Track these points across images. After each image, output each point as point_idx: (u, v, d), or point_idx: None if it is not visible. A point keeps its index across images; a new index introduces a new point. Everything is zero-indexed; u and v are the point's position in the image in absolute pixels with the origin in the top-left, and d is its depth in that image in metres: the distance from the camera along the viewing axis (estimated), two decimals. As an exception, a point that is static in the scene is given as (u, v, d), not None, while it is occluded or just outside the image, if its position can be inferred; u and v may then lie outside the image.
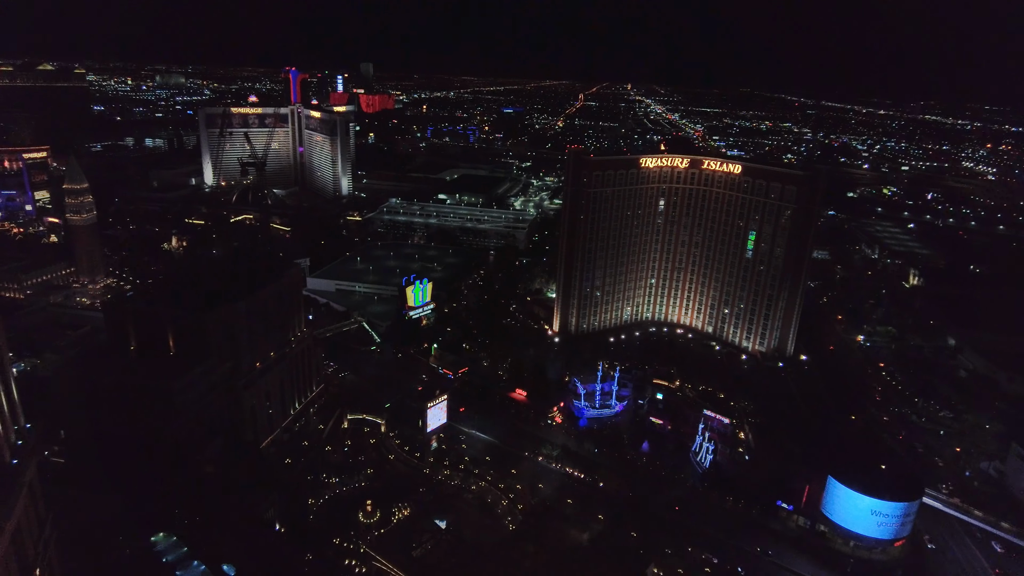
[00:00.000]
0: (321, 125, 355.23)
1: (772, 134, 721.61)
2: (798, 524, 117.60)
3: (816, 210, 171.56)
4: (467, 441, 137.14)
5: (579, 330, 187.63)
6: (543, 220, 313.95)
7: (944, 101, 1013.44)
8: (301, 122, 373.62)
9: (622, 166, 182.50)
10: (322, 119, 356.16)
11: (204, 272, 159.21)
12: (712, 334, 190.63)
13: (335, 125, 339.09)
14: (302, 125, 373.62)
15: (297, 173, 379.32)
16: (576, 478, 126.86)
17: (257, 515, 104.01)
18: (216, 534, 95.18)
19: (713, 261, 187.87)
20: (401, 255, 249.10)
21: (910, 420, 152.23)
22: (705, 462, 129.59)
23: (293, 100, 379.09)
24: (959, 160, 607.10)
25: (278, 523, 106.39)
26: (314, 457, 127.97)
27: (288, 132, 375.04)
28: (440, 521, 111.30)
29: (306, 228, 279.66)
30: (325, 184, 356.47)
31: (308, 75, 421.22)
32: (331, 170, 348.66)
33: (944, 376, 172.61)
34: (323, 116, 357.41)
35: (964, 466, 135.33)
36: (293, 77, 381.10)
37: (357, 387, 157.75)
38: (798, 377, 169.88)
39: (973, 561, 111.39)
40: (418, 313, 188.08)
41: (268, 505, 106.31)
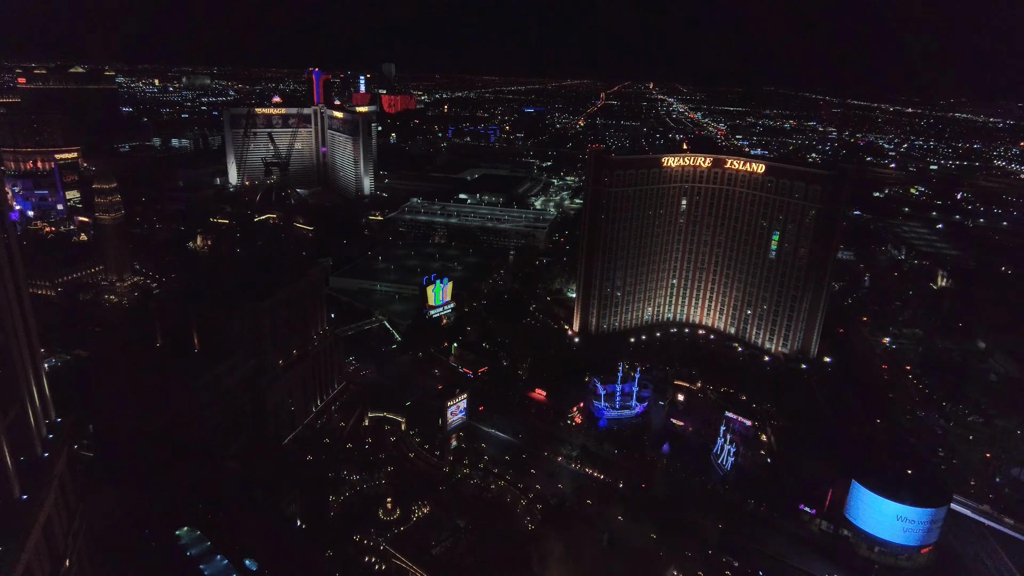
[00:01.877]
0: (344, 125, 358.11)
1: (796, 133, 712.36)
2: (821, 528, 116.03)
3: (841, 210, 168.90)
4: (486, 440, 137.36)
5: (599, 330, 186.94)
6: (563, 220, 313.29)
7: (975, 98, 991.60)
8: (324, 122, 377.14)
9: (644, 165, 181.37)
10: (345, 119, 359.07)
11: (228, 271, 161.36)
12: (734, 335, 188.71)
13: (357, 125, 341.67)
14: (325, 125, 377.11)
15: (320, 173, 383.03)
16: (596, 479, 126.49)
17: (279, 511, 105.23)
18: (239, 529, 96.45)
19: (736, 261, 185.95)
20: (422, 254, 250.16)
21: (938, 424, 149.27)
22: (727, 464, 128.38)
23: (316, 100, 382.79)
24: (991, 159, 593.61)
25: (299, 519, 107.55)
26: (335, 454, 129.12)
27: (311, 132, 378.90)
28: (459, 520, 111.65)
29: (328, 227, 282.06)
30: (347, 184, 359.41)
31: (331, 76, 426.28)
32: (353, 170, 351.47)
33: (974, 380, 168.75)
34: (346, 116, 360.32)
35: (994, 472, 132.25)
36: (316, 78, 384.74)
37: (378, 385, 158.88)
38: (822, 379, 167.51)
39: (1003, 570, 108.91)
40: (438, 312, 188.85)
41: (290, 501, 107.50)
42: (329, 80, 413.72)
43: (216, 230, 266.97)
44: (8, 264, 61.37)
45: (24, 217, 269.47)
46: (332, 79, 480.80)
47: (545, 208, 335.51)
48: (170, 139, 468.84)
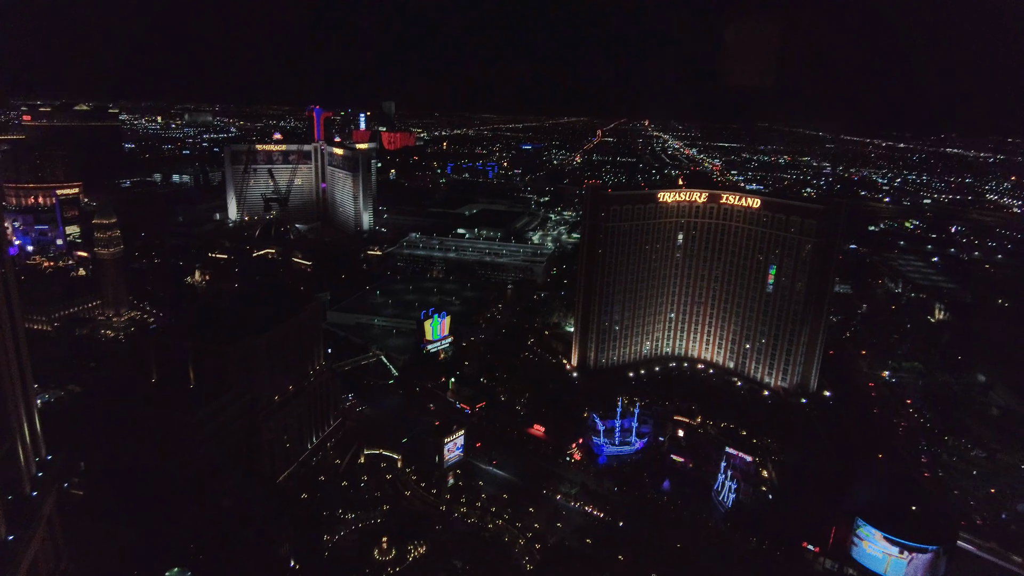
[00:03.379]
0: (344, 162, 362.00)
1: (791, 168, 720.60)
2: (825, 567, 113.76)
3: (837, 243, 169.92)
4: (484, 477, 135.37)
5: (598, 364, 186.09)
6: (561, 254, 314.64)
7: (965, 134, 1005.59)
8: (324, 159, 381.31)
9: (640, 200, 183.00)
10: (345, 156, 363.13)
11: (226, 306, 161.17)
12: (733, 369, 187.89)
13: (357, 162, 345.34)
14: (325, 162, 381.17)
15: (319, 208, 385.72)
16: (596, 517, 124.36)
17: (272, 550, 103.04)
18: (231, 569, 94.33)
19: (733, 295, 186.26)
20: (420, 289, 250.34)
21: (941, 459, 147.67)
22: (728, 501, 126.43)
23: (316, 137, 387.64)
24: (983, 193, 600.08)
25: (293, 559, 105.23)
26: (330, 492, 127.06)
27: (311, 168, 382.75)
28: (456, 560, 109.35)
29: (327, 262, 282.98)
30: (347, 219, 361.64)
31: (331, 113, 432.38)
32: (353, 205, 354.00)
33: (975, 414, 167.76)
34: (346, 153, 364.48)
35: (999, 508, 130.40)
36: (317, 115, 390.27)
37: (374, 421, 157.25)
38: (822, 414, 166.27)
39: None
40: (436, 347, 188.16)
41: (283, 540, 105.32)
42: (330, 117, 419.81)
43: (215, 265, 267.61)
44: (4, 300, 61.31)
45: (23, 252, 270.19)
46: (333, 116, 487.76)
47: (543, 242, 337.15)
48: (171, 175, 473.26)
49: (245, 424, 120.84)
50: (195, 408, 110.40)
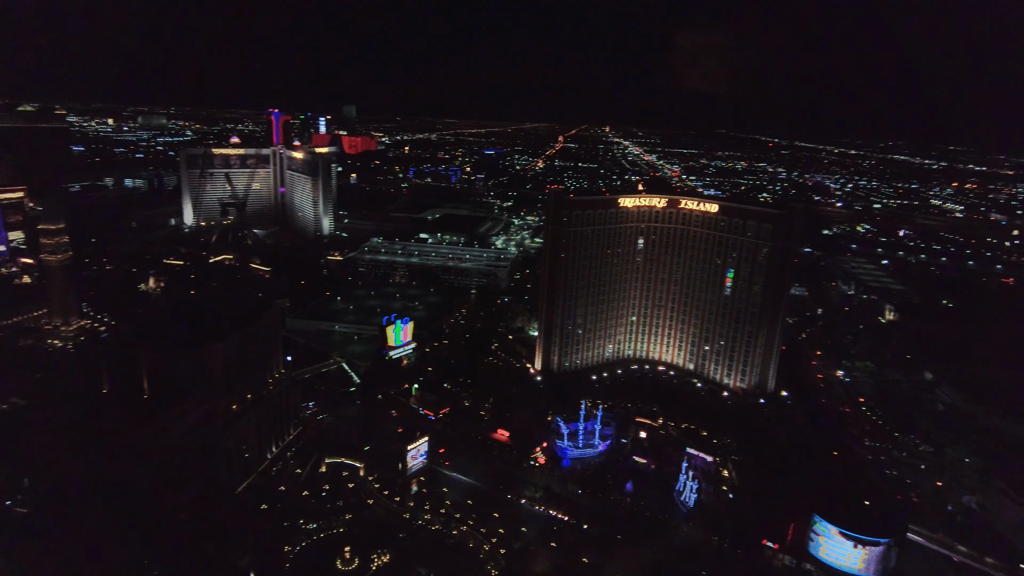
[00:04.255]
0: (303, 166, 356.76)
1: (748, 174, 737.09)
2: (784, 563, 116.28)
3: (792, 247, 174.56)
4: (448, 484, 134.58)
5: (561, 368, 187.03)
6: (524, 259, 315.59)
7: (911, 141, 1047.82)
8: (283, 163, 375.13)
9: (601, 206, 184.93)
10: (304, 160, 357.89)
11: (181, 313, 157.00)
12: (693, 371, 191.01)
13: (317, 165, 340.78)
14: (284, 166, 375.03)
15: (278, 213, 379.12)
16: (560, 520, 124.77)
17: (231, 563, 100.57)
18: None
19: (692, 299, 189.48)
20: (382, 294, 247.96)
21: (892, 455, 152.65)
22: (689, 501, 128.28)
23: (275, 141, 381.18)
24: (928, 198, 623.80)
25: (253, 571, 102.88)
26: (291, 502, 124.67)
27: (270, 173, 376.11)
28: (420, 568, 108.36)
29: (286, 268, 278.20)
30: (306, 224, 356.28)
31: (291, 117, 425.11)
32: (312, 210, 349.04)
33: (923, 410, 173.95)
34: (305, 157, 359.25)
35: (946, 501, 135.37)
36: (276, 119, 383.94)
37: (336, 430, 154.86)
38: (780, 413, 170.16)
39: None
40: (399, 353, 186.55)
41: (243, 552, 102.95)
42: (289, 121, 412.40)
43: (170, 271, 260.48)
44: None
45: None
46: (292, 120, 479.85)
47: (506, 247, 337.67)
48: (124, 179, 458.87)
49: (202, 434, 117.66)
50: (149, 419, 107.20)
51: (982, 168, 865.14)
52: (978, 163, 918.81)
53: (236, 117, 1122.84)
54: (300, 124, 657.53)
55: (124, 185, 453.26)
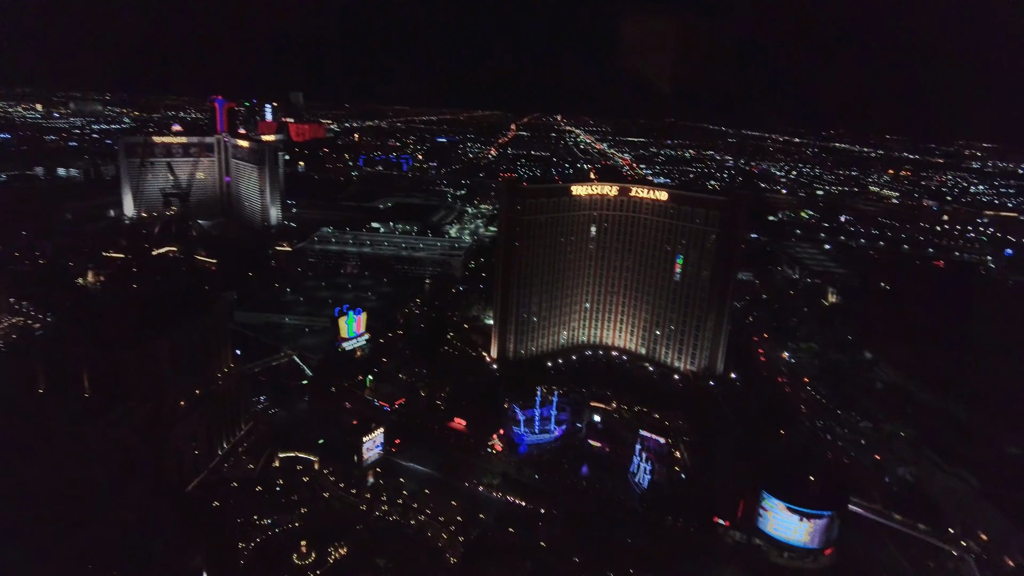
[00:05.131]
0: (249, 154, 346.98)
1: (696, 162, 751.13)
2: (735, 539, 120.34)
3: (739, 234, 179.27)
4: (405, 474, 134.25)
5: (517, 356, 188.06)
6: (479, 247, 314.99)
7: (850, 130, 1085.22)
8: (228, 152, 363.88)
9: (554, 194, 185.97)
10: (250, 148, 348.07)
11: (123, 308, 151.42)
12: (645, 355, 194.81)
13: (263, 154, 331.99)
14: (229, 155, 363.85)
15: (224, 204, 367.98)
16: (517, 506, 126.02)
17: (183, 563, 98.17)
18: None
19: (644, 285, 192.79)
20: (333, 285, 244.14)
21: (834, 431, 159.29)
22: (643, 483, 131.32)
23: (219, 129, 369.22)
24: (867, 185, 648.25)
25: (205, 571, 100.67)
26: (244, 498, 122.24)
27: (214, 162, 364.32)
28: (379, 559, 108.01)
29: (233, 260, 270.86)
30: (253, 214, 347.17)
31: (235, 104, 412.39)
32: (259, 200, 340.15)
33: (863, 388, 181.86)
34: (251, 145, 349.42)
35: (883, 473, 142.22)
36: (219, 106, 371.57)
37: (288, 424, 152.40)
38: (729, 395, 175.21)
39: (893, 562, 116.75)
40: (352, 344, 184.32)
41: (194, 552, 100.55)
42: (233, 108, 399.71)
43: (110, 265, 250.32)
44: None
45: None
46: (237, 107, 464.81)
47: (460, 236, 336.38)
48: (56, 168, 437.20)
49: (148, 433, 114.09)
50: (90, 419, 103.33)
51: (915, 156, 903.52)
52: (912, 151, 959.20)
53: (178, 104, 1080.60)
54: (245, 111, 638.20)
55: (57, 175, 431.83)
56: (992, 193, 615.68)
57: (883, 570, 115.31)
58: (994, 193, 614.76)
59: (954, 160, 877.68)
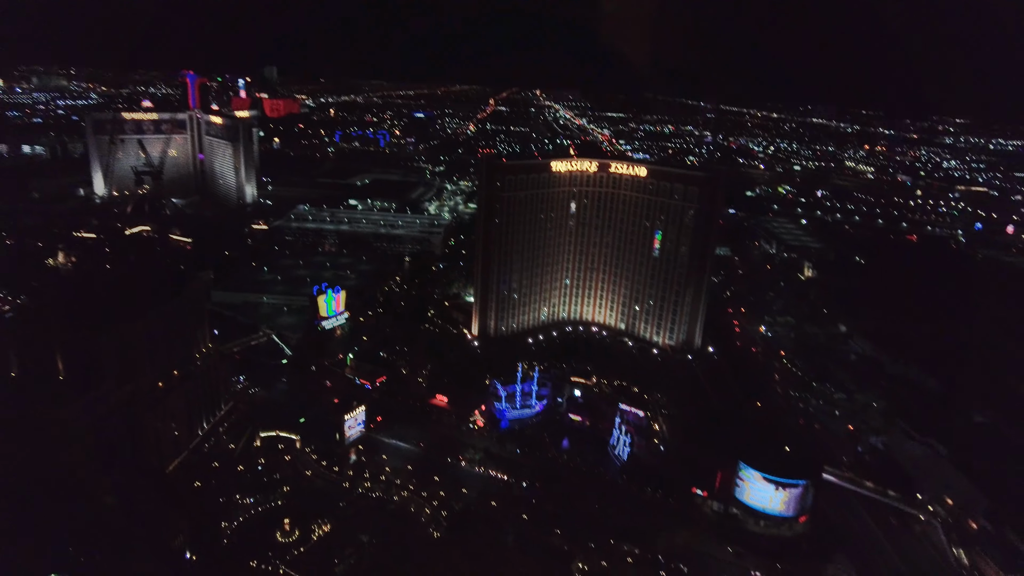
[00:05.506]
0: (223, 131, 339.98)
1: (675, 137, 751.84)
2: (713, 509, 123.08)
3: (717, 209, 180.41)
4: (387, 451, 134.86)
5: (498, 332, 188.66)
6: (459, 224, 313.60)
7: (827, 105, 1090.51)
8: (201, 128, 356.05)
9: (534, 170, 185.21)
10: (224, 125, 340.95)
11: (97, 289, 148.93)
12: (625, 330, 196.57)
13: (238, 131, 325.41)
14: (202, 131, 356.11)
15: (198, 181, 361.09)
16: (500, 480, 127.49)
17: (165, 544, 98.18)
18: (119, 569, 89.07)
19: (623, 261, 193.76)
20: (311, 264, 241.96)
21: (809, 403, 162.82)
22: (623, 455, 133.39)
23: (191, 105, 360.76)
24: (843, 160, 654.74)
25: (188, 551, 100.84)
26: (226, 478, 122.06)
27: (187, 139, 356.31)
28: (362, 535, 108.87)
29: (209, 239, 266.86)
30: (228, 192, 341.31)
31: (207, 79, 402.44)
32: (234, 178, 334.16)
33: (837, 360, 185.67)
34: (225, 122, 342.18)
35: (856, 442, 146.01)
36: (191, 81, 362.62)
37: (269, 403, 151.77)
38: (707, 368, 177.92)
39: (865, 529, 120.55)
40: (331, 323, 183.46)
41: (176, 532, 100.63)
42: (205, 84, 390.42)
43: (81, 245, 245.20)
44: None
45: None
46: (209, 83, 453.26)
47: (439, 213, 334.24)
48: (20, 145, 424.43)
49: (126, 415, 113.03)
50: (65, 403, 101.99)
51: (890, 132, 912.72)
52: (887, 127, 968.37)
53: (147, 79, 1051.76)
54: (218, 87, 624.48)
55: (21, 152, 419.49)
56: (964, 168, 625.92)
57: (855, 536, 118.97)
58: (965, 168, 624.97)
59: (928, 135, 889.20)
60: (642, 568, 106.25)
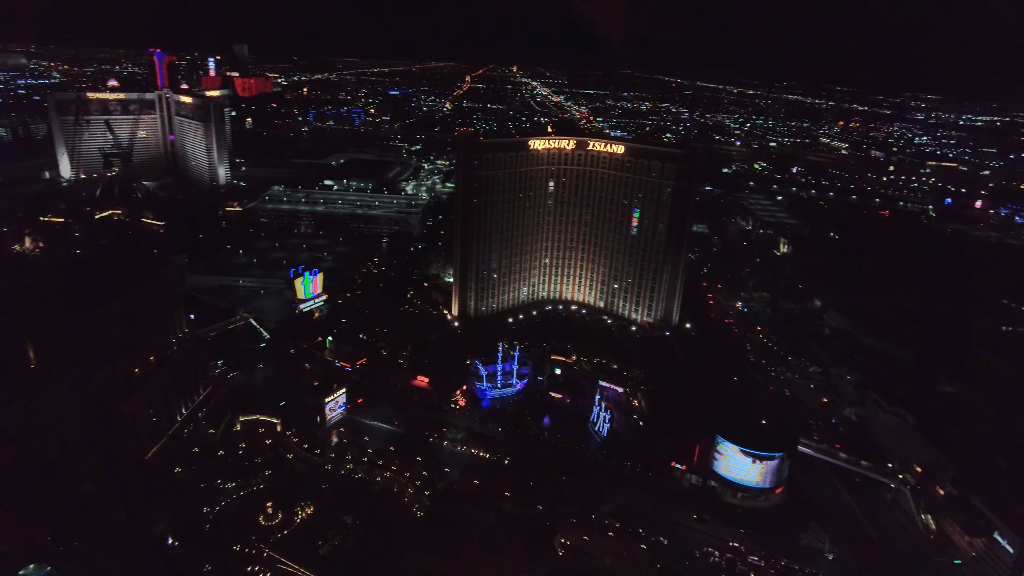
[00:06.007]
0: (193, 111, 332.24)
1: (652, 114, 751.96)
2: (691, 482, 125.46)
3: (694, 186, 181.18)
4: (369, 433, 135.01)
5: (478, 312, 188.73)
6: (437, 204, 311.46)
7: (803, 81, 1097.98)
8: (171, 108, 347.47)
9: (512, 148, 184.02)
10: (194, 104, 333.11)
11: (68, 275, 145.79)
12: (604, 308, 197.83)
13: (209, 110, 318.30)
14: (172, 111, 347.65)
15: (169, 163, 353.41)
16: (482, 458, 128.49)
17: (146, 531, 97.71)
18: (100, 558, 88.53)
19: (602, 239, 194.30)
20: (287, 246, 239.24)
21: (785, 376, 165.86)
22: (603, 431, 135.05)
23: (160, 85, 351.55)
24: (818, 137, 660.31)
25: (170, 536, 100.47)
26: (206, 463, 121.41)
27: (156, 119, 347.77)
28: (346, 516, 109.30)
29: (182, 222, 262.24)
30: (201, 174, 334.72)
31: (175, 57, 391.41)
32: (206, 159, 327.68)
33: (812, 335, 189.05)
34: (195, 101, 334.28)
35: (830, 414, 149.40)
36: (159, 60, 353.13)
37: (248, 387, 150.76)
38: (684, 344, 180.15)
39: (839, 497, 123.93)
40: (309, 306, 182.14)
41: (157, 519, 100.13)
42: (174, 62, 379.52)
43: (49, 230, 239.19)
44: None
45: None
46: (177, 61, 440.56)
47: (417, 193, 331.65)
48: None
49: (102, 402, 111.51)
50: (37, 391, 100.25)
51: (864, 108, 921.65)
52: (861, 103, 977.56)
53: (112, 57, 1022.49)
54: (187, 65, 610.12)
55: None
56: (935, 144, 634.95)
57: (829, 505, 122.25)
58: (936, 144, 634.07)
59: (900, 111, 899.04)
60: (623, 541, 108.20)
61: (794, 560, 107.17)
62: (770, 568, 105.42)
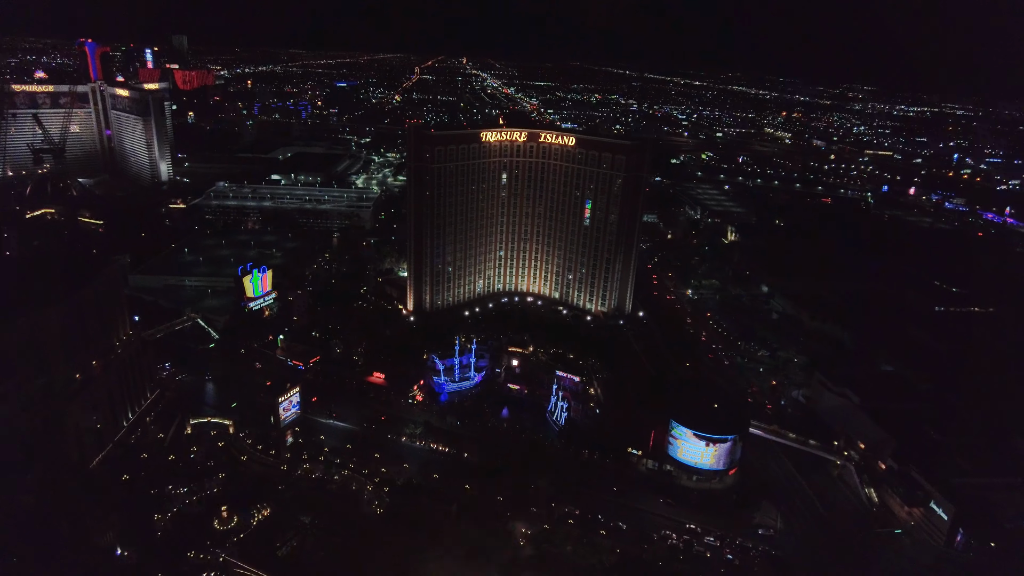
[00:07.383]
0: (131, 104, 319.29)
1: (601, 106, 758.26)
2: (648, 467, 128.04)
3: (644, 177, 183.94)
4: (325, 431, 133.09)
5: (434, 307, 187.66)
6: (388, 198, 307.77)
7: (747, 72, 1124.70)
8: (107, 102, 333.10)
9: (464, 140, 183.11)
10: (132, 98, 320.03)
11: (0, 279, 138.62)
12: (559, 299, 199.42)
13: (148, 104, 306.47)
14: (108, 105, 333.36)
15: (106, 159, 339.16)
16: (441, 452, 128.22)
17: (92, 542, 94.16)
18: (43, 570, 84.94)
19: (555, 230, 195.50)
20: (234, 243, 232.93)
21: (735, 361, 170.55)
22: (561, 420, 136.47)
23: (93, 76, 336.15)
24: (763, 127, 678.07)
25: (119, 547, 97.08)
26: (156, 469, 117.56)
27: (91, 113, 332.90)
28: (303, 516, 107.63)
29: (122, 220, 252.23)
30: (141, 170, 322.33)
31: (109, 48, 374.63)
32: (147, 154, 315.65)
33: (761, 320, 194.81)
34: (132, 94, 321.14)
35: (779, 396, 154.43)
36: (91, 50, 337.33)
37: (198, 389, 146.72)
38: (638, 332, 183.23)
39: (789, 477, 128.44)
40: (259, 304, 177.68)
41: (104, 528, 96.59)
42: (107, 53, 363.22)
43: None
44: None
45: None
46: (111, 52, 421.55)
47: (368, 186, 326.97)
48: None
49: (41, 410, 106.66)
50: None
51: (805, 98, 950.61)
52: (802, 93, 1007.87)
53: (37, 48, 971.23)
54: (122, 57, 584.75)
55: None
56: (871, 133, 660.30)
57: (779, 484, 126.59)
58: (873, 133, 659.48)
59: (839, 102, 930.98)
60: (583, 528, 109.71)
61: (748, 539, 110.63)
62: (725, 548, 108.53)
